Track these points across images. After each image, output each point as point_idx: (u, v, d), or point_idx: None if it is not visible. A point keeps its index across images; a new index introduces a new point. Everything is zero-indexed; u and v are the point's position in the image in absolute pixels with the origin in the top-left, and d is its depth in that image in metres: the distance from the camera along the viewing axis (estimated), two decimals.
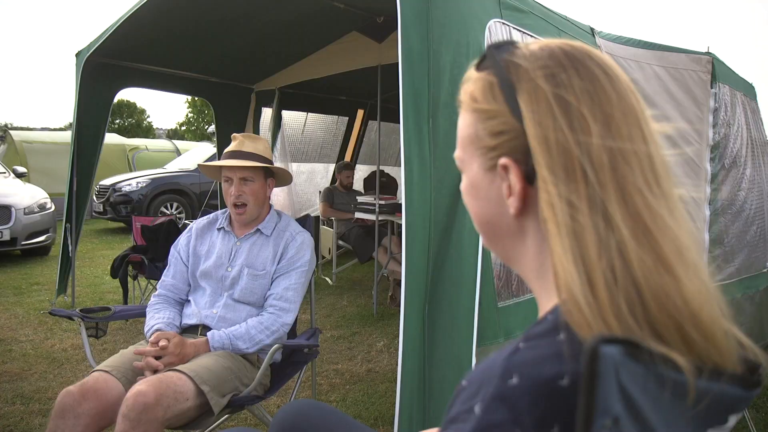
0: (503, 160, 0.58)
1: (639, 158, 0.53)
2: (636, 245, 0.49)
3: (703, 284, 0.51)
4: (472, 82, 0.62)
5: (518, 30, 2.07)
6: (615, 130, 0.53)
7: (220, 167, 2.14)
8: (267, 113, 5.65)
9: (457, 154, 0.65)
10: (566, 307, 0.49)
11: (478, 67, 0.62)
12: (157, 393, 1.58)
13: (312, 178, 6.77)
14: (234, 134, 2.21)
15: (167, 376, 1.68)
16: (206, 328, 2.03)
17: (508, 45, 0.61)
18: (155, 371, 1.76)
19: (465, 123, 0.63)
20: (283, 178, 2.26)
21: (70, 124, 4.81)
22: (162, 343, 1.81)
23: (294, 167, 6.25)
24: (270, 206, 2.23)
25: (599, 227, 0.50)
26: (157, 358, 1.80)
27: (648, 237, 0.50)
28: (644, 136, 0.54)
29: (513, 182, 0.57)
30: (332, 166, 6.81)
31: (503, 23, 2.00)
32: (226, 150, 2.16)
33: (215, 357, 1.86)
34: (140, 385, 1.60)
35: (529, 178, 0.56)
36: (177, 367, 1.76)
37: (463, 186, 0.66)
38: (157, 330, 1.95)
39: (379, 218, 4.36)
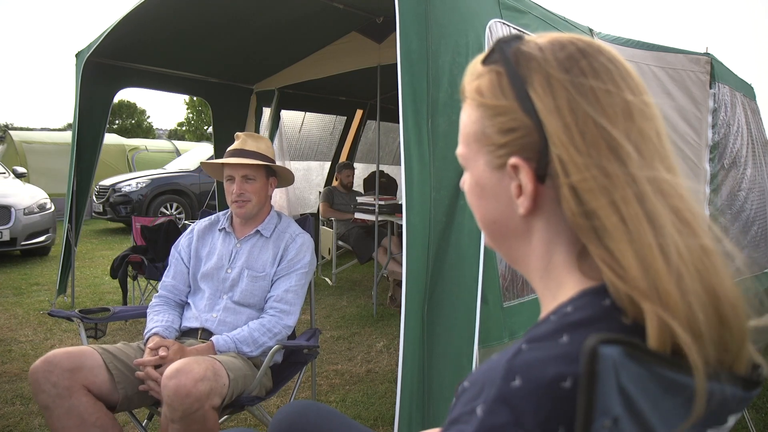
0: (513, 160, 0.55)
1: (659, 152, 0.53)
2: (678, 233, 0.49)
3: (733, 278, 0.51)
4: (478, 75, 0.59)
5: (517, 30, 2.07)
6: (632, 123, 0.52)
7: (222, 166, 2.14)
8: (268, 113, 5.65)
9: (460, 150, 0.62)
10: (630, 295, 0.48)
11: (485, 61, 0.59)
12: (202, 373, 1.61)
13: (307, 175, 6.76)
14: (237, 133, 2.21)
15: (205, 359, 1.71)
16: (206, 331, 2.03)
17: (517, 38, 0.58)
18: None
19: (470, 119, 0.60)
20: (285, 177, 2.25)
21: (70, 125, 4.81)
22: (162, 352, 1.81)
23: (289, 165, 6.25)
24: (270, 207, 2.23)
25: (645, 214, 0.49)
26: (157, 366, 1.79)
27: (688, 224, 0.49)
28: (658, 130, 0.54)
29: (524, 182, 0.55)
30: (328, 164, 6.82)
31: (503, 23, 2.00)
32: (228, 148, 2.16)
33: (231, 356, 1.88)
34: (178, 379, 1.58)
35: (540, 176, 0.54)
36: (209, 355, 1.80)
37: (466, 184, 0.63)
38: (154, 333, 1.95)
39: (379, 218, 4.36)
